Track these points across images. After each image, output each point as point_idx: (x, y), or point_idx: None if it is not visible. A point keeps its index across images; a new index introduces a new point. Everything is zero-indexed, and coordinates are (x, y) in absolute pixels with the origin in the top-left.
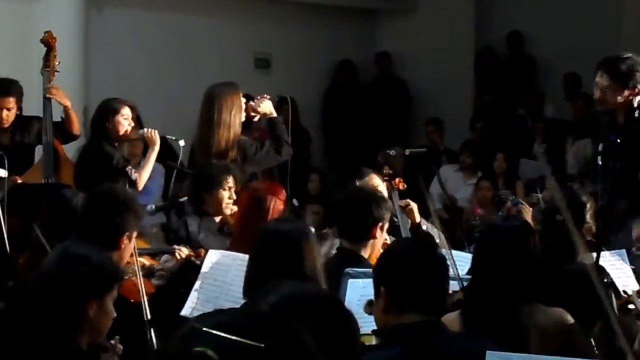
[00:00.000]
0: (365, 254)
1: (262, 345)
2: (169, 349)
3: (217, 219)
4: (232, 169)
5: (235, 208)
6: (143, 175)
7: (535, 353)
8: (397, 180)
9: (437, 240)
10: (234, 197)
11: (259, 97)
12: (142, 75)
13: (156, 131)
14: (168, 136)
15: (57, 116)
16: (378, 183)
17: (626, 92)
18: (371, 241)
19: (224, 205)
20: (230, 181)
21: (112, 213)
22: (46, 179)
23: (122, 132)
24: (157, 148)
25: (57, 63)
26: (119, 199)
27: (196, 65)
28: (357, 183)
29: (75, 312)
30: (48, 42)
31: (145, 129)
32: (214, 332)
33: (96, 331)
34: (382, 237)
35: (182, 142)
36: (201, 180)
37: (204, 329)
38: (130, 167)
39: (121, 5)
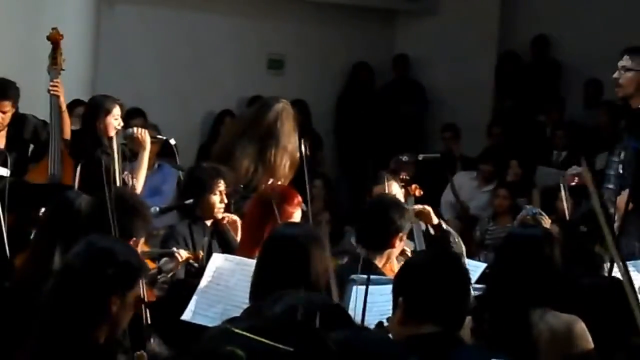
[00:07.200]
0: (379, 262)
1: (292, 349)
2: (199, 347)
3: (209, 222)
4: (223, 172)
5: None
6: (140, 180)
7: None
8: (413, 186)
9: (457, 240)
10: (225, 201)
11: None
12: (152, 74)
13: (146, 131)
14: (158, 136)
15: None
16: (396, 191)
17: None
18: (388, 250)
19: (215, 210)
20: (222, 185)
21: (120, 217)
22: (52, 178)
23: (111, 133)
24: (148, 148)
25: (63, 60)
26: (128, 203)
27: (207, 64)
28: (375, 189)
29: (98, 307)
30: (54, 40)
31: (135, 129)
32: (245, 333)
33: (115, 325)
34: (400, 248)
35: (172, 141)
36: (192, 184)
37: (236, 330)
38: (126, 172)
39: (133, 2)
